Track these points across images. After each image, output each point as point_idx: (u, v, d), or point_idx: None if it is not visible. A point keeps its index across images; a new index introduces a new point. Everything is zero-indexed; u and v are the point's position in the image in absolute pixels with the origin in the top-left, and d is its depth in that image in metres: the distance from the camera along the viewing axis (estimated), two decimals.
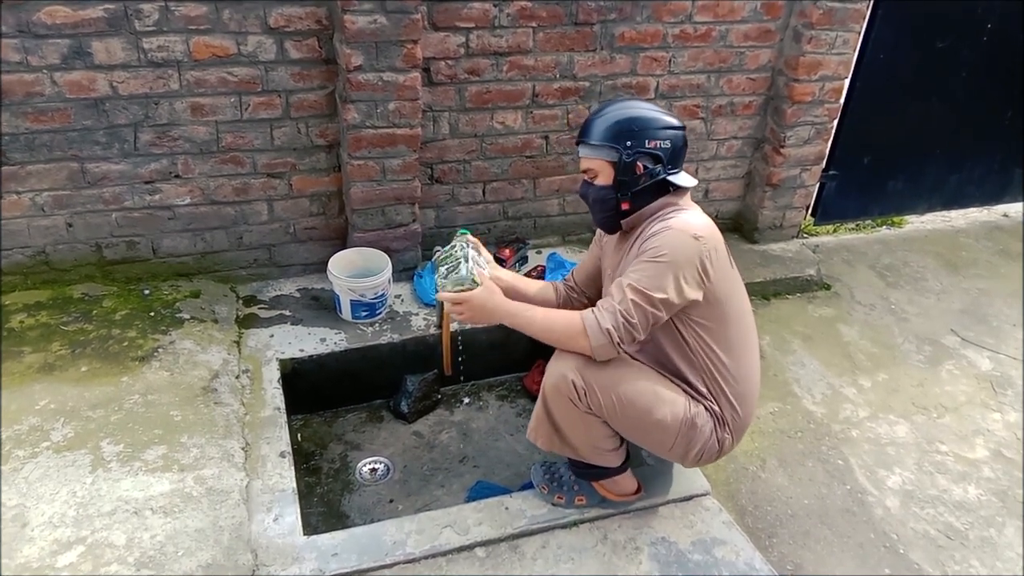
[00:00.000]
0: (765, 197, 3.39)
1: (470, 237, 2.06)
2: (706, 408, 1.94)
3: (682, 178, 1.91)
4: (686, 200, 1.94)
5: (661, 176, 1.88)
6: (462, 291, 1.87)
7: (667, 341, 1.93)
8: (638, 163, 1.86)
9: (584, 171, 1.95)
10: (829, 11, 2.98)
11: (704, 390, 1.94)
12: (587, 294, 2.22)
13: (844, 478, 2.45)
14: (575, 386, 1.84)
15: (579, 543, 2.04)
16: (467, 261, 1.93)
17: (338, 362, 2.63)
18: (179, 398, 2.27)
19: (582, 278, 2.23)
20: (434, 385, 2.76)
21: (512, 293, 2.05)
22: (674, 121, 1.90)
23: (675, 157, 1.90)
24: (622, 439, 2.01)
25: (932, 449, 2.61)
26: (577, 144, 1.95)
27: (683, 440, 1.93)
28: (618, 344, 1.79)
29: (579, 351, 1.84)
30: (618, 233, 2.01)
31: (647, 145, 1.86)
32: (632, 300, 1.78)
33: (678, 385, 1.94)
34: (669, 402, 1.90)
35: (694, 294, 1.81)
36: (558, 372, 1.87)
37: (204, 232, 2.79)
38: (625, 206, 1.91)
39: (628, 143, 1.85)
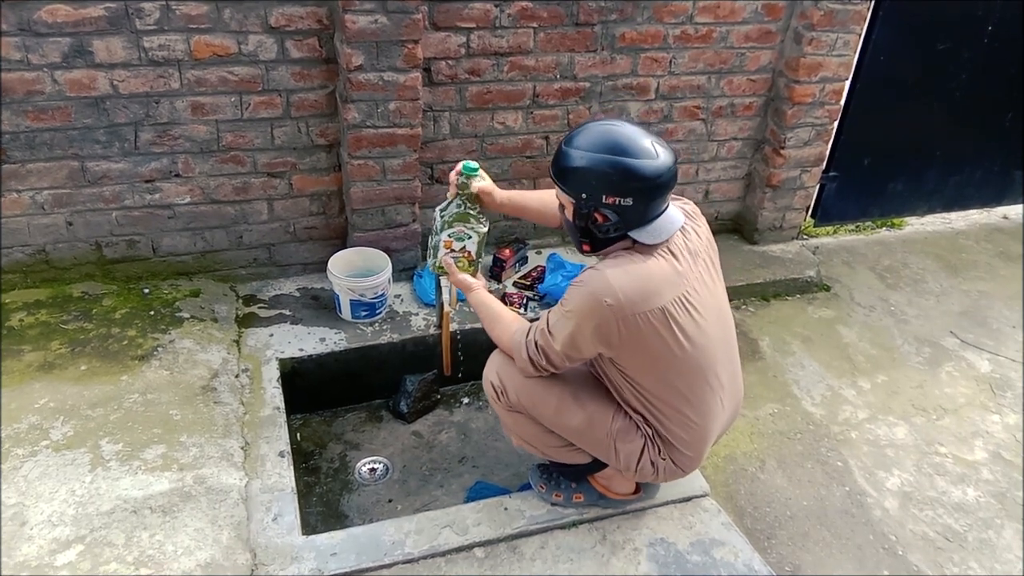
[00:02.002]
0: (765, 198, 3.39)
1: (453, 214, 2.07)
2: (637, 426, 1.89)
3: (647, 234, 1.74)
4: (660, 247, 1.78)
5: (622, 232, 1.75)
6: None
7: (597, 367, 1.93)
8: (596, 214, 1.73)
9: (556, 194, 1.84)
10: (830, 13, 2.99)
11: (630, 410, 1.90)
12: None
13: (843, 479, 2.45)
14: (493, 386, 1.98)
15: (578, 543, 2.04)
16: (435, 254, 2.09)
17: (337, 362, 2.63)
18: (178, 397, 2.27)
19: None
20: (433, 385, 2.76)
21: (520, 210, 2.16)
22: (647, 170, 1.67)
23: (639, 212, 1.72)
24: None
25: (931, 451, 2.61)
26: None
27: (613, 451, 1.91)
28: (537, 371, 1.87)
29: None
30: None
31: (604, 201, 1.70)
32: (541, 344, 1.83)
33: (613, 395, 1.92)
34: (590, 410, 1.90)
35: (591, 352, 1.80)
36: (484, 373, 2.03)
37: (204, 231, 2.79)
38: (586, 248, 1.83)
39: (584, 195, 1.71)
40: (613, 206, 1.70)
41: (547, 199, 2.11)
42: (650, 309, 1.70)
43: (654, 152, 1.69)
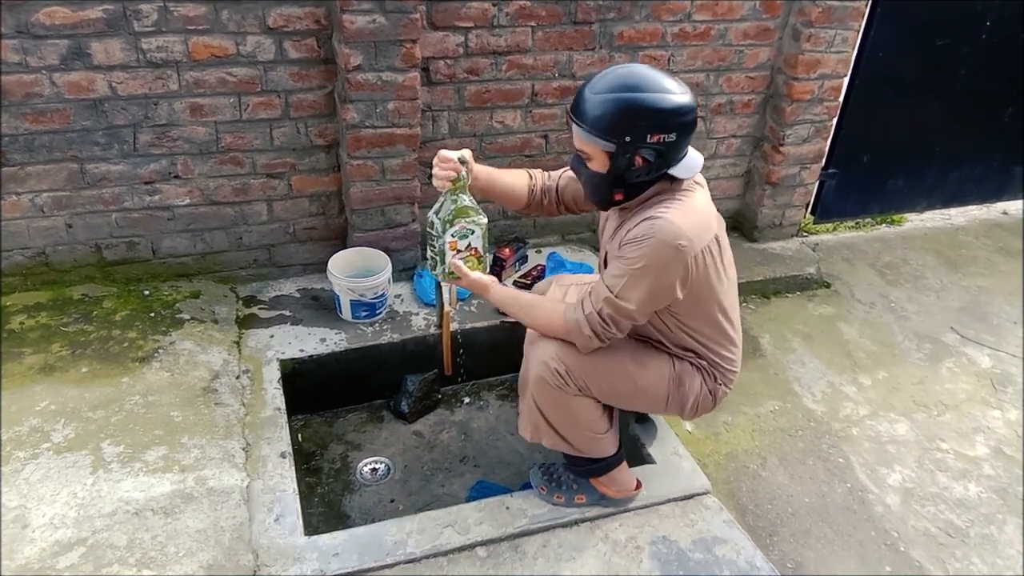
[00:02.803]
0: (765, 195, 3.39)
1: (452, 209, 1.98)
2: (691, 363, 1.95)
3: (683, 168, 1.76)
4: (688, 181, 1.80)
5: (662, 172, 1.75)
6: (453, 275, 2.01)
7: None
8: (637, 158, 1.71)
9: (578, 148, 1.79)
10: (828, 9, 2.98)
11: (682, 351, 1.96)
12: (562, 201, 2.11)
13: (845, 476, 2.45)
14: (559, 373, 1.87)
15: (580, 542, 2.04)
16: (443, 261, 1.98)
17: (338, 362, 2.63)
18: (179, 399, 2.27)
19: (570, 190, 2.09)
20: (434, 385, 2.76)
21: (489, 185, 2.05)
22: (683, 103, 1.68)
23: (680, 147, 1.73)
24: (611, 421, 2.02)
25: (932, 447, 2.61)
26: (569, 118, 1.76)
27: (675, 397, 1.97)
28: (601, 342, 1.84)
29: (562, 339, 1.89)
30: None
31: (649, 140, 1.68)
32: (609, 313, 1.78)
33: (659, 346, 1.96)
34: (652, 366, 1.94)
35: (669, 300, 1.79)
36: (540, 362, 1.88)
37: (204, 232, 2.79)
38: (619, 197, 1.79)
39: (627, 138, 1.67)
40: (657, 144, 1.69)
41: (517, 178, 2.11)
42: (710, 241, 1.77)
43: (678, 85, 1.71)
